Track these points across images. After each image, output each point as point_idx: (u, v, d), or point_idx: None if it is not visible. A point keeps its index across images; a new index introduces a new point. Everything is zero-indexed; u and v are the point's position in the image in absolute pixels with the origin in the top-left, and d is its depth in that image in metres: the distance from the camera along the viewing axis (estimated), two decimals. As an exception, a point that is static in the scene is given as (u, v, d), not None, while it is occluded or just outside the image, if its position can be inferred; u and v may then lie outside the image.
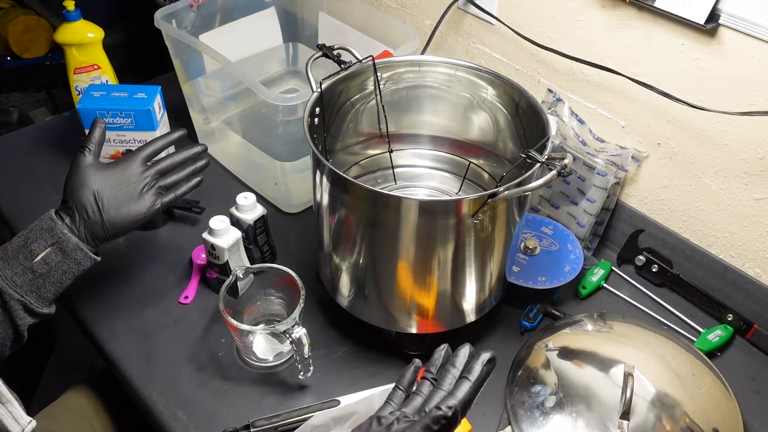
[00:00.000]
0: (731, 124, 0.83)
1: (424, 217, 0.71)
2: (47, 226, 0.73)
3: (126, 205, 0.78)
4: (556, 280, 0.92)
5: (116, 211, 0.77)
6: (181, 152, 0.84)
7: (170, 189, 0.82)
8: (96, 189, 0.76)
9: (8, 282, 0.71)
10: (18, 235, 0.74)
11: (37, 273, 0.72)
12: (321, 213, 0.80)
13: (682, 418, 0.78)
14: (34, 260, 0.71)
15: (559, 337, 0.88)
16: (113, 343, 0.89)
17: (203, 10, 1.11)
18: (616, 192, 0.99)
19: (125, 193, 0.78)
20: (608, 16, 0.90)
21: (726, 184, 0.88)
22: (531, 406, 0.80)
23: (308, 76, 0.82)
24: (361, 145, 0.96)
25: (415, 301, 0.80)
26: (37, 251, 0.72)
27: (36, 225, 0.73)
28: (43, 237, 0.72)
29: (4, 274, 0.71)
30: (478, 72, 0.86)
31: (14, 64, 1.93)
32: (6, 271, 0.71)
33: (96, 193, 0.76)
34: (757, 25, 0.76)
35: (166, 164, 0.82)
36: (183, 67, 1.11)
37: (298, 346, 0.78)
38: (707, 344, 0.90)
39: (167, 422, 0.80)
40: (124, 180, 0.78)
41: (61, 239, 0.73)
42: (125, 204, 0.78)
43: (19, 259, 0.71)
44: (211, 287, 0.96)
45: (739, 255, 0.92)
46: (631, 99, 0.93)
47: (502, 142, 0.90)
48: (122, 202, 0.78)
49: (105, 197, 0.77)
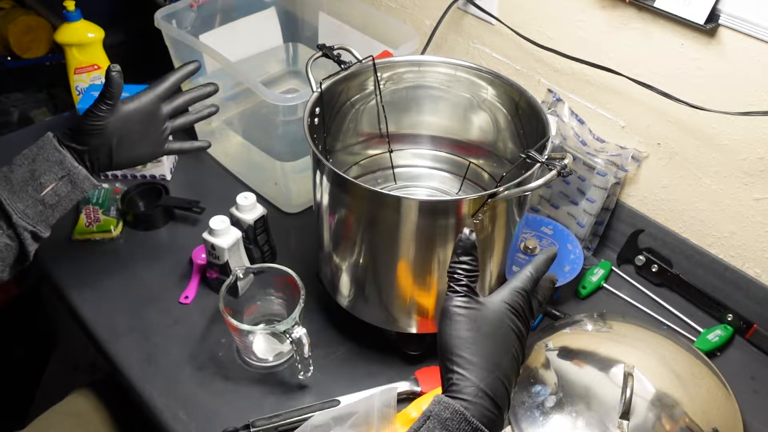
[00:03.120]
0: (731, 124, 0.83)
1: (424, 217, 0.71)
2: (55, 159, 0.71)
3: (138, 147, 0.78)
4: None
5: (126, 153, 0.77)
6: (193, 91, 0.83)
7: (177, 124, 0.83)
8: (111, 137, 0.75)
9: (20, 215, 0.70)
10: (17, 162, 0.72)
11: (47, 204, 0.72)
12: (321, 213, 0.80)
13: (681, 418, 0.78)
14: (44, 192, 0.71)
15: (559, 337, 0.88)
16: (113, 343, 0.89)
17: (203, 10, 1.11)
18: (616, 192, 0.99)
19: (138, 135, 0.78)
20: (608, 16, 0.90)
21: (726, 184, 0.88)
22: (531, 406, 0.80)
23: (308, 76, 0.82)
24: (361, 145, 0.96)
25: (415, 301, 0.80)
26: (46, 184, 0.71)
27: (40, 155, 0.71)
28: (52, 170, 0.71)
29: (16, 207, 0.70)
30: (478, 72, 0.86)
31: (14, 64, 1.93)
32: (18, 204, 0.70)
33: (111, 140, 0.75)
34: (757, 25, 0.76)
35: (179, 103, 0.82)
36: (183, 67, 1.11)
37: (298, 346, 0.78)
38: (707, 344, 0.90)
39: (168, 422, 0.80)
40: (139, 122, 0.77)
41: (72, 172, 0.72)
42: (136, 146, 0.78)
43: (28, 192, 0.70)
44: (211, 287, 0.96)
45: (739, 255, 0.92)
46: (631, 99, 0.93)
47: (502, 142, 0.90)
48: (134, 145, 0.77)
49: (118, 142, 0.76)
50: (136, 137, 0.78)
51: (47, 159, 0.71)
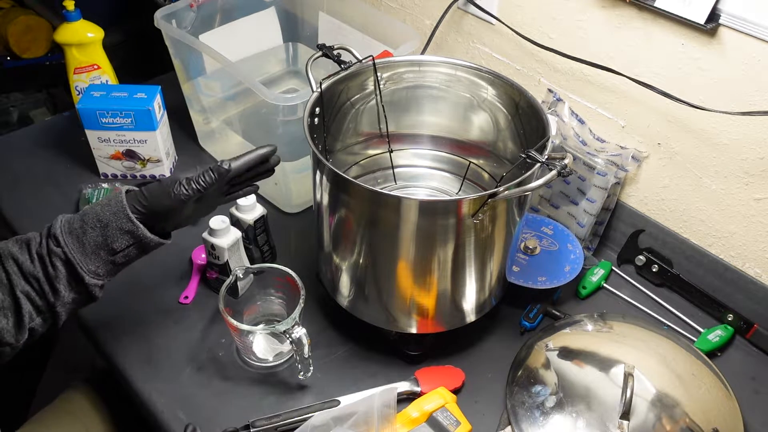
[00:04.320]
0: (731, 124, 0.83)
1: (424, 217, 0.71)
2: (128, 228, 0.72)
3: (198, 213, 0.81)
4: (556, 280, 0.92)
5: (189, 220, 0.79)
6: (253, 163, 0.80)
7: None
8: (184, 215, 0.77)
9: (92, 275, 0.72)
10: (90, 223, 0.72)
11: (118, 263, 0.74)
12: (321, 213, 0.80)
13: (682, 418, 0.78)
14: (116, 255, 0.73)
15: (559, 337, 0.88)
16: (113, 344, 0.89)
17: (203, 10, 1.11)
18: (616, 192, 0.99)
19: (205, 209, 0.81)
20: (608, 16, 0.90)
21: (726, 184, 0.88)
22: (531, 406, 0.80)
23: (308, 76, 0.82)
24: (361, 145, 0.96)
25: (415, 301, 0.80)
26: (118, 249, 0.73)
27: (113, 222, 0.72)
28: (124, 238, 0.73)
29: (89, 269, 0.72)
30: (478, 72, 0.86)
31: (14, 64, 1.93)
32: (90, 266, 0.72)
33: (182, 217, 0.78)
34: (757, 25, 0.76)
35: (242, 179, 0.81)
36: (183, 67, 1.11)
37: (298, 346, 0.78)
38: (707, 344, 0.90)
39: (167, 422, 0.80)
40: (209, 198, 0.79)
41: (143, 241, 0.74)
42: (199, 213, 0.81)
43: (101, 255, 0.72)
44: (211, 287, 0.96)
45: (740, 255, 0.92)
46: (631, 99, 0.93)
47: (502, 142, 0.90)
48: (198, 212, 0.80)
49: (187, 218, 0.79)
50: (203, 212, 0.81)
51: (120, 228, 0.72)
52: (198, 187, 0.73)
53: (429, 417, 0.79)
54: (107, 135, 1.06)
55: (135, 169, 1.12)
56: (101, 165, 1.11)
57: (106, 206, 0.73)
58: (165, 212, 0.74)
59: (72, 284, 0.72)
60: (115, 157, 1.10)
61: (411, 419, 0.79)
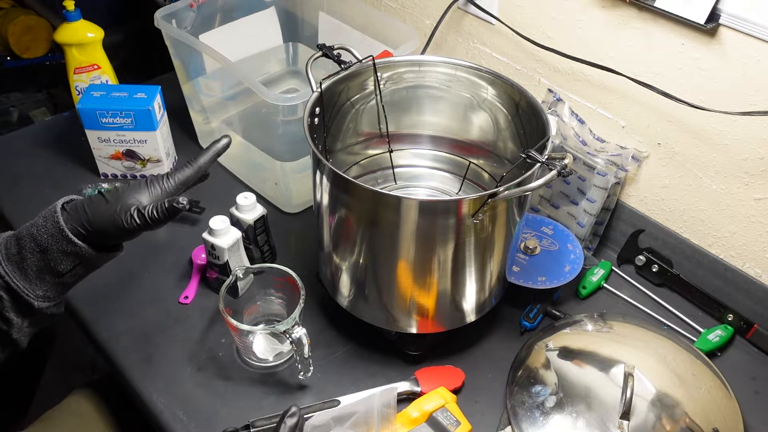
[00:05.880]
0: (731, 124, 0.83)
1: (424, 217, 0.71)
2: (70, 251, 0.67)
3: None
4: (556, 280, 0.92)
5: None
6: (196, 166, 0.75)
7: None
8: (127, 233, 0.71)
9: (42, 300, 0.68)
10: (27, 248, 0.67)
11: (68, 283, 0.70)
12: (321, 213, 0.80)
13: (682, 418, 0.78)
14: (63, 277, 0.68)
15: (559, 337, 0.88)
16: (113, 344, 0.89)
17: (203, 10, 1.11)
18: (616, 192, 0.99)
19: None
20: (608, 16, 0.90)
21: (726, 184, 0.88)
22: (531, 406, 0.80)
23: (308, 76, 0.82)
24: (361, 145, 0.96)
25: (415, 301, 0.80)
26: (64, 271, 0.68)
27: (53, 246, 0.67)
28: (68, 259, 0.68)
29: (35, 294, 0.67)
30: (478, 72, 0.86)
31: (14, 64, 1.93)
32: (36, 291, 0.67)
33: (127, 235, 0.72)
34: (757, 25, 0.76)
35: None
36: (183, 67, 1.11)
37: (298, 346, 0.78)
38: (707, 344, 0.90)
39: (167, 422, 0.80)
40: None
41: (88, 258, 0.69)
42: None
43: (46, 279, 0.68)
44: (211, 287, 0.96)
45: (740, 255, 0.92)
46: (632, 99, 0.93)
47: (502, 142, 0.90)
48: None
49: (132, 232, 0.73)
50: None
51: (61, 251, 0.66)
52: (149, 222, 0.68)
53: (429, 417, 0.79)
54: (107, 135, 1.07)
55: (135, 169, 1.12)
56: (101, 165, 1.11)
57: (42, 228, 0.66)
58: (110, 234, 0.69)
59: (23, 310, 0.68)
60: (115, 157, 1.10)
61: (411, 419, 0.79)
